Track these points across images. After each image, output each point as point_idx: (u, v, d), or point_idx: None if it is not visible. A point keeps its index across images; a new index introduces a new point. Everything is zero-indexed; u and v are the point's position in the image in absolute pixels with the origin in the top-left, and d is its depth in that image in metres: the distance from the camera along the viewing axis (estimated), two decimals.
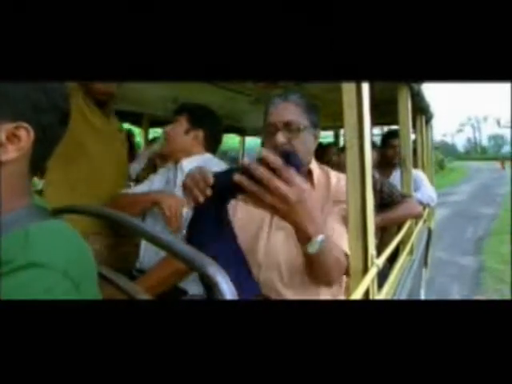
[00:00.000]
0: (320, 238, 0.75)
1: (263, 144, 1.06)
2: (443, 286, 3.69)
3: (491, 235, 5.39)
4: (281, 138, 0.97)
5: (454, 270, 4.18)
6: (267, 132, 1.02)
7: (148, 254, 1.29)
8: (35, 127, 0.43)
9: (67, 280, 0.40)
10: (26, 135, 0.42)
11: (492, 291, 3.57)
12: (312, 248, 0.76)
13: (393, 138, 2.29)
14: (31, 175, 0.47)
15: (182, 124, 1.32)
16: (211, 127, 1.35)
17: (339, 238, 0.94)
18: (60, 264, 0.40)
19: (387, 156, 2.33)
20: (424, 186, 2.21)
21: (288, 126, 0.98)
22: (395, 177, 2.15)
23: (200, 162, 1.27)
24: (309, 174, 1.05)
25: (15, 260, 0.38)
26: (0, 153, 0.41)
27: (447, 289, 3.64)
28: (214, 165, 1.28)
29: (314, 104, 1.07)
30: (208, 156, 1.33)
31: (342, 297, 1.05)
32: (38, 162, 0.46)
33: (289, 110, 1.00)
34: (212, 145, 1.36)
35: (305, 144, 1.00)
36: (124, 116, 1.96)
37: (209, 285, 0.49)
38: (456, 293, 3.54)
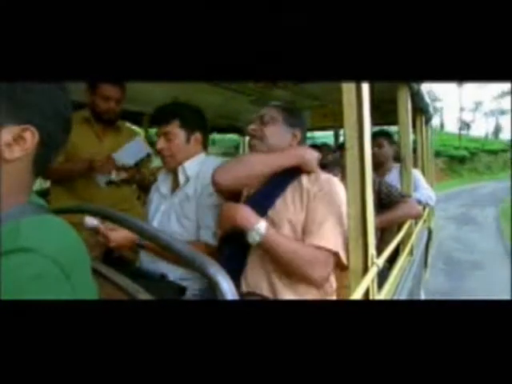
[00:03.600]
0: (256, 228, 0.93)
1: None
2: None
3: None
4: (252, 125, 1.12)
5: None
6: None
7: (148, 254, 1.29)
8: (40, 131, 0.46)
9: (56, 267, 0.40)
10: (32, 137, 0.46)
11: None
12: (251, 239, 0.94)
13: (378, 137, 2.23)
14: (34, 176, 0.49)
15: (178, 135, 1.24)
16: (204, 124, 1.31)
17: (323, 231, 0.96)
18: (49, 251, 0.41)
19: (373, 155, 2.28)
20: (421, 186, 2.20)
21: (261, 119, 1.13)
22: (388, 179, 2.13)
23: (201, 164, 1.27)
24: None
25: (4, 246, 0.39)
26: (6, 152, 0.44)
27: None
28: (212, 164, 1.28)
29: (297, 109, 1.22)
30: (204, 156, 1.31)
31: (333, 297, 1.06)
32: (41, 164, 0.49)
33: (266, 109, 1.16)
34: (206, 141, 1.34)
35: (277, 135, 1.11)
36: (124, 116, 1.95)
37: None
38: None
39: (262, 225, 0.93)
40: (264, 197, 1.05)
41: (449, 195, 13.55)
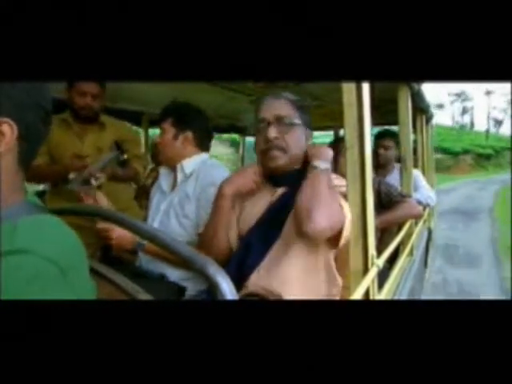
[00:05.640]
0: (325, 163, 0.92)
1: (255, 144, 1.05)
2: None
3: None
4: (273, 132, 0.97)
5: None
6: (258, 128, 1.02)
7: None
8: (19, 124, 0.44)
9: (54, 267, 0.40)
10: (10, 131, 0.44)
11: None
12: (321, 164, 0.92)
13: (385, 138, 2.21)
14: (21, 173, 0.48)
15: (168, 131, 1.28)
16: (199, 125, 1.31)
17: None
18: (46, 251, 0.40)
19: (379, 156, 2.24)
20: (422, 187, 2.20)
21: (280, 120, 0.98)
22: (389, 179, 2.12)
23: (198, 164, 1.27)
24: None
25: (2, 247, 0.39)
26: None
27: None
28: (210, 166, 1.28)
29: (307, 105, 1.08)
30: (205, 157, 1.32)
31: (337, 296, 1.05)
32: (25, 159, 0.48)
33: (281, 105, 1.01)
34: (204, 142, 1.34)
35: (297, 140, 1.00)
36: (124, 115, 1.95)
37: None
38: None
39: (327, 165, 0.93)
40: (281, 206, 0.99)
41: (472, 182, 19.01)
